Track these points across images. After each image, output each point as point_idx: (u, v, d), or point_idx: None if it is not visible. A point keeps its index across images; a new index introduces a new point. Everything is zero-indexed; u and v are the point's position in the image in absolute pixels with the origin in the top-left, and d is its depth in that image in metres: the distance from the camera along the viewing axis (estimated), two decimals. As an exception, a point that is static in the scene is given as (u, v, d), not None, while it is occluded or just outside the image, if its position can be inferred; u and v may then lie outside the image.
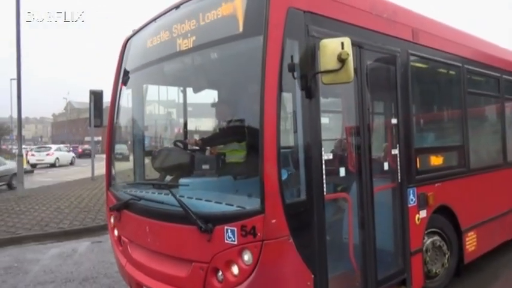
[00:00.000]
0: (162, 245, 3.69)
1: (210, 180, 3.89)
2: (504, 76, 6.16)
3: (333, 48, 3.08)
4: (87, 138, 57.36)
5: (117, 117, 4.83)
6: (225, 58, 3.78)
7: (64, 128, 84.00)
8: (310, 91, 3.16)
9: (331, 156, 3.38)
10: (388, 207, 4.13)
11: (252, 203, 3.04)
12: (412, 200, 4.25)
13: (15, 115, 20.53)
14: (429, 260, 4.58)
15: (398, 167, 4.10)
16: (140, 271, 3.97)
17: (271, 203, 2.92)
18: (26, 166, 22.15)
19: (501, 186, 6.00)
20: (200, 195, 3.58)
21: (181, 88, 5.05)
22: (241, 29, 3.23)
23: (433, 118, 5.31)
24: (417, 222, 4.30)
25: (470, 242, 5.22)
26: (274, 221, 2.92)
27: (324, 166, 3.26)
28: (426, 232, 4.58)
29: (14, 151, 30.57)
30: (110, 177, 4.77)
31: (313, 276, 3.13)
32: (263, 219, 2.92)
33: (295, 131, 3.17)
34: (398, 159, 4.10)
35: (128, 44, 4.73)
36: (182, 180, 3.85)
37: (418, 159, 4.37)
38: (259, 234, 2.94)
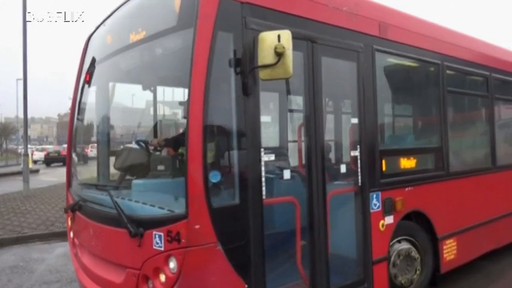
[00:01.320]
0: (102, 249, 3.54)
1: (154, 182, 3.71)
2: (494, 75, 5.82)
3: (270, 41, 2.87)
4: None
5: (80, 117, 4.70)
6: (166, 53, 3.61)
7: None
8: (247, 87, 2.96)
9: (272, 158, 3.15)
10: (347, 213, 3.88)
11: (179, 207, 2.85)
12: (375, 205, 3.99)
13: (21, 115, 20.77)
14: (398, 269, 4.31)
15: (359, 170, 3.85)
16: (88, 276, 3.83)
17: (195, 208, 2.73)
18: (31, 166, 22.47)
19: (489, 191, 5.66)
20: (142, 197, 3.41)
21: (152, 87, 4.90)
22: (176, 22, 3.05)
23: (406, 118, 5.03)
24: (381, 228, 4.04)
25: (449, 250, 4.91)
26: (197, 226, 2.73)
27: (263, 168, 3.06)
28: (395, 239, 4.32)
29: (19, 151, 31.34)
30: (69, 177, 4.65)
31: (246, 286, 2.92)
32: (187, 225, 2.73)
33: (231, 131, 2.97)
34: (359, 161, 3.85)
35: (90, 41, 4.61)
36: (125, 182, 3.69)
37: (384, 162, 4.10)
38: (183, 240, 2.75)
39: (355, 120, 3.86)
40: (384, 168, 4.12)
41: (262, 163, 3.05)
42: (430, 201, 4.64)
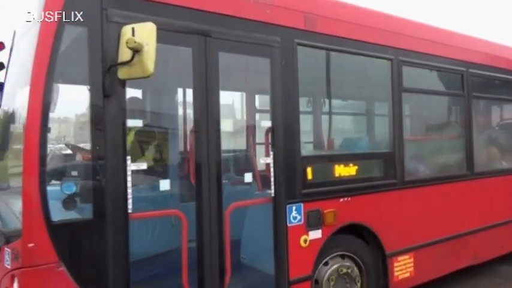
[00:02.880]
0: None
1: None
2: (471, 70, 5.18)
3: (128, 36, 2.53)
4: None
5: None
6: (23, 53, 3.30)
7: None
8: (105, 88, 2.63)
9: (143, 167, 2.81)
10: (259, 227, 3.48)
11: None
12: (295, 218, 3.56)
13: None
14: None
15: (272, 180, 3.43)
16: None
17: (29, 224, 2.44)
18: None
19: (463, 201, 5.05)
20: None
21: None
22: (31, 17, 2.77)
23: (347, 119, 4.52)
24: (304, 244, 3.60)
25: (403, 268, 4.38)
26: (31, 245, 2.43)
27: (129, 178, 2.72)
28: (330, 256, 3.86)
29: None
30: None
31: None
32: (22, 243, 2.44)
33: (86, 137, 2.66)
34: (271, 169, 3.43)
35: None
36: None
37: (308, 170, 3.65)
38: (20, 259, 2.46)
39: (267, 123, 3.45)
40: (309, 177, 3.67)
41: (129, 172, 2.72)
42: (376, 213, 4.14)
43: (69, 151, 2.90)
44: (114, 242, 2.65)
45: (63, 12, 2.52)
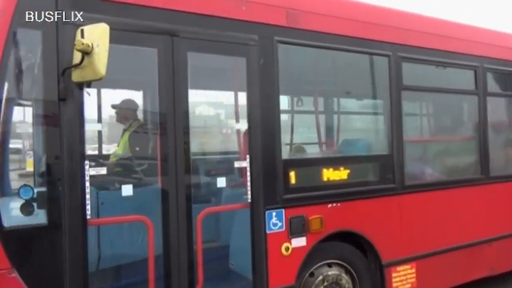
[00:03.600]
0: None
1: None
2: (486, 65, 4.78)
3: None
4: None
5: None
6: None
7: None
8: (59, 91, 2.58)
9: (103, 171, 2.74)
10: (235, 234, 3.34)
11: None
12: (275, 225, 3.38)
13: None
14: None
15: (248, 184, 3.27)
16: None
17: None
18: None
19: (477, 208, 4.67)
20: None
21: None
22: None
23: (337, 119, 4.26)
24: (285, 252, 3.41)
25: (403, 279, 4.09)
26: None
27: (87, 183, 2.66)
28: (318, 265, 3.65)
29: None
30: None
31: None
32: None
33: (40, 141, 2.62)
34: (248, 174, 3.27)
35: None
36: None
37: (290, 174, 3.47)
38: (-27, 264, 2.46)
39: (241, 125, 3.30)
40: (292, 181, 3.48)
41: (87, 177, 2.66)
42: (370, 220, 3.88)
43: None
44: (70, 250, 2.59)
45: (14, 15, 2.49)
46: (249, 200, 3.27)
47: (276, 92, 3.39)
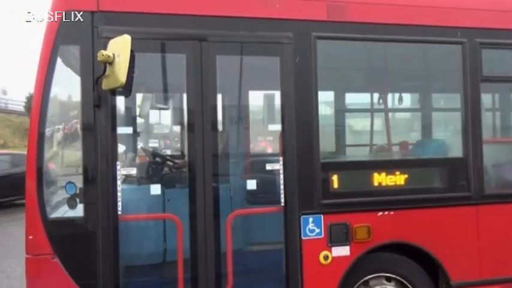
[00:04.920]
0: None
1: None
2: None
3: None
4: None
5: None
6: None
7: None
8: (94, 99, 2.88)
9: (133, 171, 2.95)
10: (270, 238, 3.25)
11: None
12: (312, 231, 3.20)
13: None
14: None
15: (282, 187, 3.16)
16: None
17: (29, 219, 2.83)
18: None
19: None
20: None
21: None
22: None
23: (397, 117, 3.76)
24: (324, 261, 3.20)
25: (480, 304, 3.48)
26: (31, 237, 2.82)
27: (118, 182, 2.91)
28: (366, 278, 3.35)
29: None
30: None
31: None
32: (26, 234, 2.86)
33: (79, 143, 2.94)
34: (281, 176, 3.17)
35: None
36: None
37: (332, 178, 3.24)
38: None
39: (276, 127, 3.20)
40: (334, 186, 3.26)
41: (118, 176, 2.91)
42: (434, 232, 3.40)
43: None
44: (103, 242, 2.86)
45: (57, 33, 2.86)
46: (283, 204, 3.17)
47: (314, 91, 3.21)
